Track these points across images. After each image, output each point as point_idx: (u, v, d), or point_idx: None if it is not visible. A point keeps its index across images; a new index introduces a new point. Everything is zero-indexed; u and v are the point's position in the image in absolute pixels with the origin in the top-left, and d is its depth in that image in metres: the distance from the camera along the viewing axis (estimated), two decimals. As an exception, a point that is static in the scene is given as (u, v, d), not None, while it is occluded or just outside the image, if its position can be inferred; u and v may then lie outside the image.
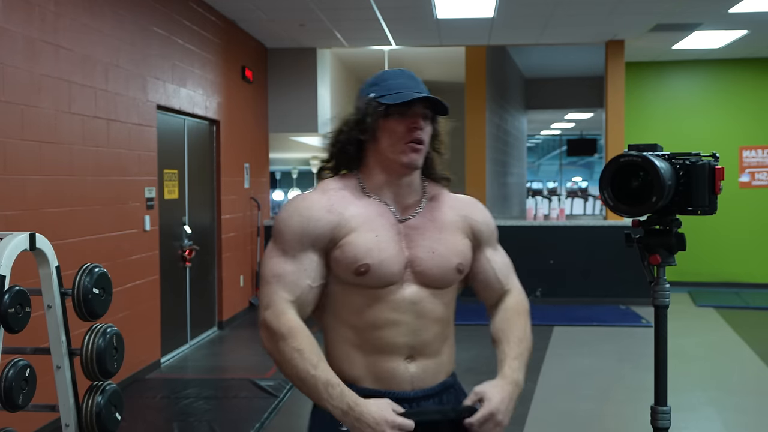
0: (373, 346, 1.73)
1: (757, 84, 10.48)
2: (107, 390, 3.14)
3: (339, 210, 1.73)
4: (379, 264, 1.70)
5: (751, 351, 6.72)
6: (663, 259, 2.74)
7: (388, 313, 1.73)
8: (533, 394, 5.36)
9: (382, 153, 1.76)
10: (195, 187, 7.11)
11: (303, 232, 1.72)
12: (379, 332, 1.73)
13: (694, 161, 2.69)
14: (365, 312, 1.73)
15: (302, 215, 1.73)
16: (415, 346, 1.74)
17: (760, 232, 10.48)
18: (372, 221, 1.74)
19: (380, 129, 1.74)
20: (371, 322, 1.73)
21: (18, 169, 4.25)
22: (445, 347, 1.81)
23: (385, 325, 1.73)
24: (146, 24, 5.89)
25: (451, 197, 1.89)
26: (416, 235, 1.77)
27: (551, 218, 9.32)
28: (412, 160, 1.74)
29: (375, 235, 1.72)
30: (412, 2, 7.20)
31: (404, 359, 1.74)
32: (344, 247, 1.71)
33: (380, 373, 1.74)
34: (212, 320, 7.65)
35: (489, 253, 1.90)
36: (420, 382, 1.75)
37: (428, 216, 1.80)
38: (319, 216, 1.72)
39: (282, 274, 1.71)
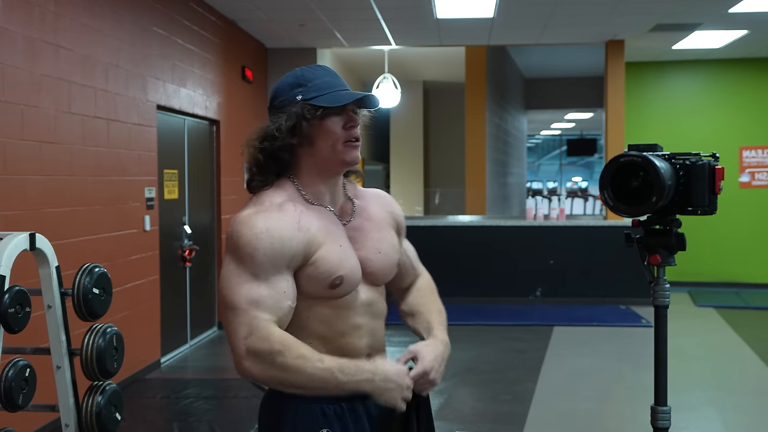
0: (340, 353, 1.71)
1: (757, 84, 10.48)
2: (107, 390, 3.14)
3: (306, 226, 1.69)
4: (350, 273, 1.71)
5: (751, 351, 6.72)
6: (663, 259, 2.74)
7: (353, 319, 1.74)
8: (533, 394, 5.36)
9: (318, 155, 1.73)
10: (195, 187, 7.11)
11: (276, 254, 1.64)
12: (345, 339, 1.74)
13: (694, 161, 2.69)
14: (333, 322, 1.73)
15: (273, 236, 1.65)
16: (372, 345, 1.79)
17: (760, 232, 10.48)
18: (331, 232, 1.72)
19: (316, 131, 1.70)
20: (339, 330, 1.73)
21: (18, 169, 4.25)
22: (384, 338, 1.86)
23: (351, 331, 1.74)
24: (146, 24, 5.89)
25: (369, 193, 1.90)
26: (360, 237, 1.78)
27: (551, 218, 9.32)
28: (354, 157, 1.74)
29: (339, 245, 1.72)
30: (412, 2, 7.20)
31: (365, 358, 1.75)
32: (317, 262, 1.68)
33: None
34: (212, 320, 7.65)
35: (405, 242, 1.96)
36: None
37: (364, 216, 1.81)
38: (291, 235, 1.66)
39: (258, 299, 1.63)
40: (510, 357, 6.46)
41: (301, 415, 1.68)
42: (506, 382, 5.55)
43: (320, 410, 1.68)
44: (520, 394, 5.33)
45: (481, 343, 6.73)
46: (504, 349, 6.72)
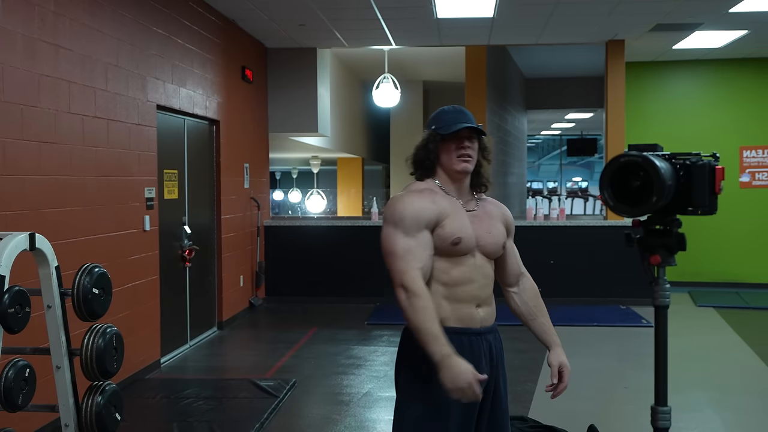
0: (456, 297, 2.44)
1: (757, 84, 10.48)
2: (107, 390, 3.14)
3: (438, 202, 2.45)
4: (467, 237, 2.45)
5: (751, 351, 6.72)
6: (663, 259, 2.74)
7: (467, 274, 2.45)
8: (533, 394, 5.36)
9: (444, 165, 2.53)
10: (195, 187, 7.11)
11: (419, 217, 2.40)
12: (461, 287, 2.44)
13: (694, 161, 2.69)
14: (451, 272, 2.43)
15: (415, 206, 2.42)
16: (481, 296, 2.49)
17: (760, 232, 10.47)
18: (456, 210, 2.48)
19: (441, 150, 2.51)
20: (455, 279, 2.44)
21: (18, 169, 4.25)
22: (492, 299, 2.55)
23: (465, 282, 2.45)
24: (146, 24, 5.89)
25: (491, 199, 2.69)
26: (477, 221, 2.52)
27: (551, 218, 9.32)
28: (464, 167, 2.50)
29: (459, 218, 2.46)
30: (412, 2, 7.20)
31: (475, 306, 2.47)
32: (445, 226, 2.42)
33: (461, 316, 2.44)
34: (212, 320, 7.65)
35: (512, 241, 2.67)
36: (485, 322, 2.50)
37: (483, 209, 2.58)
38: (427, 206, 2.43)
39: (410, 248, 2.36)
40: (510, 357, 6.44)
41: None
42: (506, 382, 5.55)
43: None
44: (520, 394, 5.33)
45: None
46: (504, 349, 6.71)
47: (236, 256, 8.21)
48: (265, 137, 9.37)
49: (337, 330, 7.71)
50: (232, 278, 8.07)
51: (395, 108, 12.02)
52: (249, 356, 6.94)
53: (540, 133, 25.79)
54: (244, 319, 8.34)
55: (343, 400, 5.25)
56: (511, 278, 2.66)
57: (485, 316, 2.50)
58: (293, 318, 8.47)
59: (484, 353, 2.47)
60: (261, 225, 9.12)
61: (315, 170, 17.34)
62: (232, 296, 8.05)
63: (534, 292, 2.68)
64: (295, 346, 6.99)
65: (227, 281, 7.89)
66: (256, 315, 8.59)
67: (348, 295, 9.18)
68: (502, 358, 2.58)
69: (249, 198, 8.69)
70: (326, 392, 5.53)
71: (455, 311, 2.44)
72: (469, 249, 2.45)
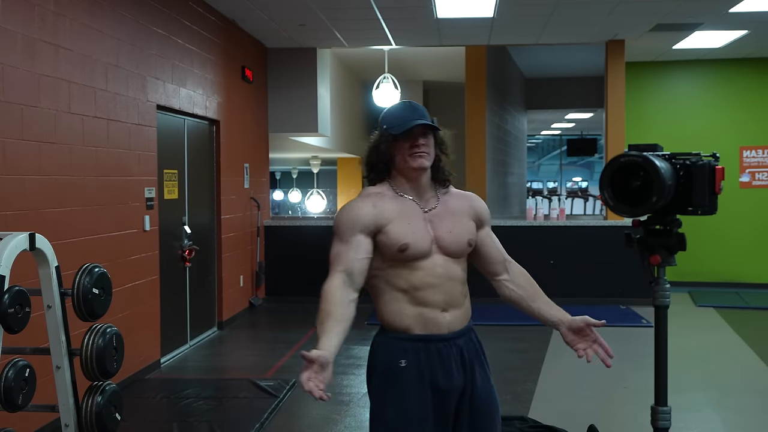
0: (418, 303, 2.35)
1: (757, 84, 10.48)
2: (107, 390, 3.14)
3: (380, 206, 2.37)
4: (414, 242, 2.33)
5: (751, 351, 6.72)
6: (663, 259, 2.74)
7: (427, 278, 2.35)
8: (533, 394, 5.36)
9: (399, 166, 2.41)
10: (195, 187, 7.11)
11: (354, 222, 2.35)
12: (421, 292, 2.35)
13: (694, 161, 2.69)
14: (409, 278, 2.35)
15: (352, 213, 2.37)
16: (447, 300, 2.37)
17: (760, 232, 10.47)
18: (406, 214, 2.38)
19: (394, 150, 2.39)
20: (415, 285, 2.34)
21: (18, 169, 4.25)
22: (465, 300, 2.44)
23: (425, 287, 2.34)
24: (146, 24, 5.89)
25: (457, 192, 2.54)
26: (437, 221, 2.40)
27: (551, 218, 9.32)
28: (420, 163, 2.37)
29: (408, 223, 2.36)
30: (412, 2, 7.20)
31: (441, 310, 2.36)
32: (388, 233, 2.34)
33: (426, 322, 2.35)
34: (212, 320, 7.65)
35: (488, 231, 2.55)
36: (453, 326, 2.38)
37: (444, 206, 2.45)
38: (366, 211, 2.36)
39: (339, 253, 2.34)
40: (510, 357, 6.46)
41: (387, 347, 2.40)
42: (506, 382, 5.55)
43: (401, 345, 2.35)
44: (520, 394, 5.33)
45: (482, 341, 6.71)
46: (504, 349, 6.72)
47: (236, 256, 8.21)
48: (265, 137, 9.37)
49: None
50: (232, 278, 8.07)
51: (395, 108, 12.00)
52: (249, 356, 6.94)
53: (540, 133, 25.79)
54: (244, 319, 8.34)
55: (343, 400, 5.25)
56: (496, 267, 2.53)
57: (452, 320, 2.38)
58: (293, 318, 8.47)
59: (455, 359, 2.37)
60: (261, 225, 9.12)
61: (315, 170, 17.34)
62: (232, 296, 8.05)
63: (525, 275, 2.57)
64: (295, 346, 6.99)
65: (227, 281, 7.89)
66: (256, 315, 8.59)
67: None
68: (480, 359, 2.46)
69: (249, 198, 8.69)
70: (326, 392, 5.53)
71: (419, 318, 2.35)
72: (421, 253, 2.34)
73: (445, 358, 2.35)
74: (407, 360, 2.34)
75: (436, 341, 2.34)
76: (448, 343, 2.36)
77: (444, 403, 2.35)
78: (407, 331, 2.35)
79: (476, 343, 2.46)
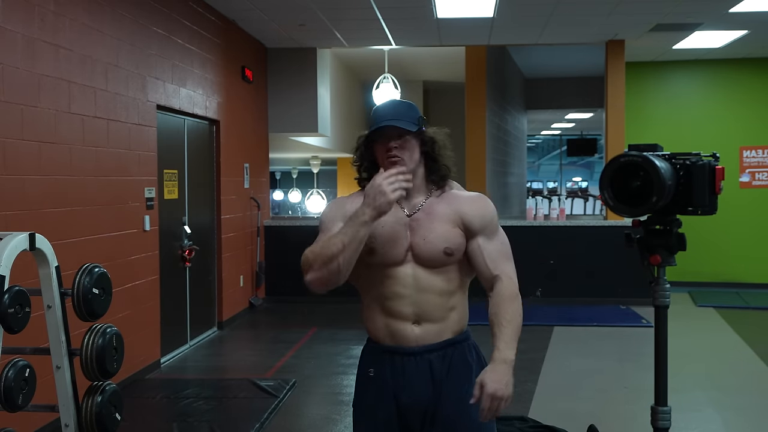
0: (387, 312, 2.23)
1: (757, 84, 10.48)
2: (107, 390, 3.14)
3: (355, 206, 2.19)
4: (381, 246, 2.20)
5: (751, 351, 6.72)
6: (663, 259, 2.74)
7: (395, 287, 2.21)
8: (533, 394, 5.36)
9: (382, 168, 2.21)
10: (195, 187, 7.10)
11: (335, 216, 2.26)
12: (390, 302, 2.22)
13: (694, 161, 2.68)
14: (379, 285, 2.23)
15: (335, 207, 2.31)
16: (419, 314, 2.22)
17: (760, 232, 10.47)
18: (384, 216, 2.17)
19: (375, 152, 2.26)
20: (384, 293, 2.23)
21: (18, 169, 4.25)
22: (451, 314, 2.25)
23: (394, 297, 2.21)
24: (146, 24, 5.89)
25: (453, 194, 2.30)
26: (416, 226, 2.23)
27: (551, 218, 9.32)
28: None
29: (381, 226, 2.19)
30: (412, 2, 7.20)
31: (411, 323, 2.22)
32: None
33: (393, 333, 2.23)
34: (212, 320, 7.65)
35: (481, 241, 2.25)
36: (422, 340, 2.22)
37: (427, 210, 2.25)
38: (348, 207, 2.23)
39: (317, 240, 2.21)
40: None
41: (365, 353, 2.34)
42: (506, 382, 5.55)
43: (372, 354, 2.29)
44: (520, 394, 5.33)
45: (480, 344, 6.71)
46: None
47: (236, 256, 8.21)
48: (265, 137, 9.37)
49: (337, 330, 7.71)
50: (232, 278, 8.07)
51: (395, 108, 12.00)
52: (249, 356, 6.94)
53: (540, 133, 25.79)
54: (244, 319, 8.34)
55: (343, 400, 5.25)
56: (485, 282, 2.26)
57: (423, 334, 2.21)
58: (293, 318, 8.47)
59: (421, 375, 2.22)
60: (261, 225, 9.11)
61: (315, 170, 17.33)
62: (232, 296, 8.05)
63: (500, 297, 2.19)
64: (295, 346, 6.99)
65: (227, 281, 7.89)
66: (256, 315, 8.59)
67: (348, 295, 9.11)
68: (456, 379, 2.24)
69: (249, 198, 8.69)
70: (326, 392, 5.53)
71: (387, 329, 2.24)
72: (392, 260, 2.20)
73: (409, 373, 2.22)
74: (375, 370, 2.27)
75: (402, 354, 2.22)
76: (416, 357, 2.22)
77: (408, 418, 2.24)
78: (378, 341, 2.27)
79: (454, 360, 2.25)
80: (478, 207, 2.29)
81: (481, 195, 2.35)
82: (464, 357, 2.27)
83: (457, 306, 2.27)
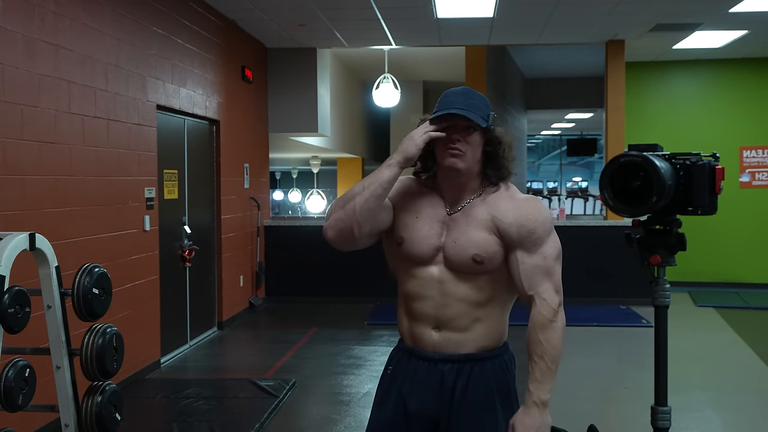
0: (410, 313, 2.15)
1: (757, 84, 10.48)
2: (107, 390, 3.14)
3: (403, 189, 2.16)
4: (410, 239, 2.10)
5: (751, 351, 6.72)
6: (663, 259, 2.74)
7: (419, 288, 2.11)
8: (533, 394, 5.35)
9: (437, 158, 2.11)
10: (195, 187, 7.10)
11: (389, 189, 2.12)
12: (413, 302, 2.13)
13: (694, 161, 2.68)
14: (406, 284, 2.14)
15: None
16: (440, 318, 2.09)
17: (760, 232, 10.47)
18: (420, 208, 2.13)
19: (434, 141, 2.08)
20: (408, 292, 2.14)
21: (18, 169, 4.25)
22: (476, 326, 2.10)
23: (417, 298, 2.11)
24: (146, 24, 5.89)
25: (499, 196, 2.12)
26: (453, 227, 2.10)
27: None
28: (452, 163, 2.06)
29: (416, 217, 2.12)
30: (412, 2, 7.20)
31: (431, 328, 2.11)
32: (395, 220, 2.15)
33: (414, 334, 2.14)
34: (212, 320, 7.65)
35: (520, 254, 2.08)
36: (440, 347, 2.10)
37: (466, 212, 2.11)
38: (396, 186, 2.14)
39: None
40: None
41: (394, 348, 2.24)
42: (506, 382, 5.55)
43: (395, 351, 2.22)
44: (520, 393, 5.33)
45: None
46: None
47: (236, 256, 8.21)
48: (265, 137, 9.37)
49: (337, 330, 7.71)
50: (232, 278, 8.07)
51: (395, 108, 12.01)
52: (249, 356, 6.94)
53: (540, 133, 25.79)
54: (244, 319, 8.34)
55: (343, 400, 5.25)
56: (523, 300, 2.13)
57: (442, 341, 2.09)
58: (293, 318, 8.47)
59: (430, 384, 2.10)
60: (261, 225, 9.11)
61: (315, 170, 17.34)
62: (232, 296, 8.05)
63: (531, 326, 2.07)
64: (295, 346, 6.99)
65: (227, 281, 7.89)
66: (256, 315, 8.59)
67: (348, 295, 9.18)
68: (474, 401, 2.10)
69: (249, 198, 8.69)
70: (326, 392, 5.53)
71: (411, 329, 2.15)
72: (419, 257, 2.09)
73: (420, 380, 2.12)
74: (393, 367, 2.20)
75: (418, 358, 2.13)
76: (430, 364, 2.11)
77: (414, 425, 2.13)
78: (403, 339, 2.21)
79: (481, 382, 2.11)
80: (519, 215, 2.07)
81: (531, 199, 2.13)
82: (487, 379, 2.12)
83: (487, 319, 2.10)
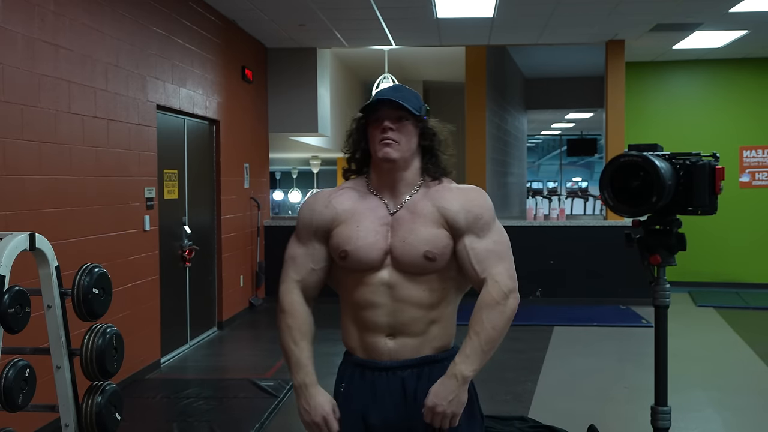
0: (361, 323, 2.03)
1: (757, 84, 10.48)
2: (107, 390, 3.14)
3: (335, 206, 2.04)
4: (355, 250, 1.97)
5: (751, 351, 6.72)
6: (663, 259, 2.74)
7: (368, 295, 1.99)
8: (533, 394, 5.36)
9: (372, 156, 2.04)
10: (195, 187, 7.10)
11: (309, 224, 2.07)
12: (363, 312, 2.01)
13: (694, 161, 2.68)
14: (353, 293, 2.02)
15: (306, 211, 2.09)
16: (394, 325, 1.99)
17: (760, 232, 10.47)
18: (359, 215, 2.01)
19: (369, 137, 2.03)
20: (357, 302, 2.02)
21: (18, 169, 4.25)
22: (432, 328, 2.01)
23: (367, 306, 2.00)
24: (146, 24, 5.89)
25: (440, 189, 2.04)
26: (397, 226, 2.00)
27: (551, 218, 9.31)
28: (385, 153, 1.97)
29: (356, 226, 1.99)
30: (412, 2, 7.20)
31: (385, 336, 2.01)
32: (334, 237, 2.01)
33: (366, 345, 2.03)
34: (212, 320, 7.65)
35: (469, 240, 1.99)
36: (397, 355, 2.00)
37: (410, 208, 2.01)
38: (320, 210, 2.05)
39: (294, 256, 2.08)
40: (510, 357, 6.46)
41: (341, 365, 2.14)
42: (506, 382, 5.55)
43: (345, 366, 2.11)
44: (520, 394, 5.33)
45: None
46: (504, 349, 6.66)
47: (236, 256, 8.21)
48: (265, 137, 9.37)
49: (336, 330, 7.65)
50: (232, 278, 8.07)
51: (395, 108, 12.01)
52: (249, 356, 6.94)
53: (540, 133, 25.78)
54: (244, 319, 8.34)
55: (343, 400, 5.25)
56: (475, 287, 2.01)
57: (398, 348, 1.99)
58: (293, 318, 8.46)
59: (392, 393, 2.00)
60: (261, 225, 9.11)
61: (315, 170, 17.34)
62: (232, 296, 8.05)
63: (477, 304, 1.96)
64: (295, 346, 6.99)
65: (227, 281, 7.89)
66: (256, 315, 8.59)
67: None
68: None
69: (249, 198, 8.69)
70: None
71: (362, 340, 2.03)
72: (367, 264, 1.97)
73: (379, 391, 2.01)
74: (345, 384, 2.09)
75: (373, 369, 2.01)
76: (387, 373, 2.00)
77: None
78: (352, 352, 2.08)
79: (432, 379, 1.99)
80: (465, 201, 2.00)
81: (474, 188, 2.07)
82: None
83: (441, 320, 2.02)
